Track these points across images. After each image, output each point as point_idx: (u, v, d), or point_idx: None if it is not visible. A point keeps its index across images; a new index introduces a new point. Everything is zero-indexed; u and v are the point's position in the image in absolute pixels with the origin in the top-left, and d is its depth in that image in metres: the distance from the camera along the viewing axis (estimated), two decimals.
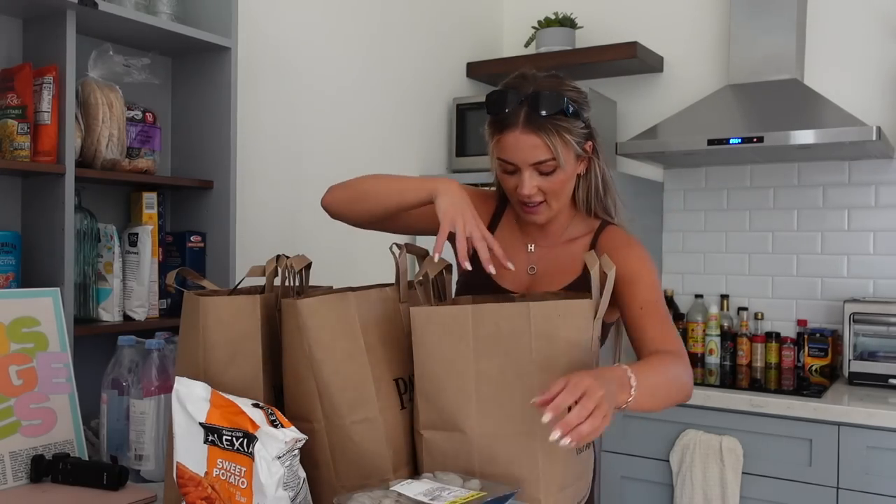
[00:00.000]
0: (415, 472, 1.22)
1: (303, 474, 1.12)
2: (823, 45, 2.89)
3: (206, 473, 1.11)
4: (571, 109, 1.38)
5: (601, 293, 1.15)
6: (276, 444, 1.06)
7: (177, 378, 1.15)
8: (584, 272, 1.42)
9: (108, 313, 1.82)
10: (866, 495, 2.24)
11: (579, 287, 1.44)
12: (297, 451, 1.11)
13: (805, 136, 2.48)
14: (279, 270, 1.29)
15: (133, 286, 1.86)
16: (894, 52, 2.79)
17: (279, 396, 1.26)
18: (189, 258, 1.99)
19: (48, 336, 1.53)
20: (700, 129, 2.70)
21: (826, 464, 2.30)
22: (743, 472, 2.40)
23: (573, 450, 1.19)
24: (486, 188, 1.63)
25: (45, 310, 1.54)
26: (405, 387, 1.24)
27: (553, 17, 3.20)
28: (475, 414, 1.15)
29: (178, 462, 1.14)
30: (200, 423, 1.12)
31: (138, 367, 1.53)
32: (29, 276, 1.72)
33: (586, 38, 3.29)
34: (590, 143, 1.45)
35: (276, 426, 1.09)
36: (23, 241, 1.73)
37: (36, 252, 1.73)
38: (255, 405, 1.12)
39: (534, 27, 3.25)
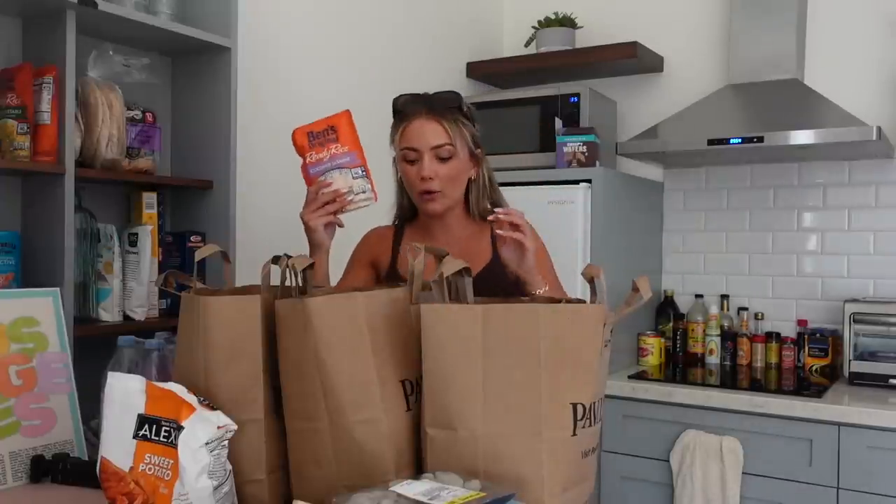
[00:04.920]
0: (419, 474, 1.22)
1: (230, 467, 1.13)
2: (823, 45, 2.89)
3: (132, 469, 1.13)
4: (465, 109, 1.67)
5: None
6: (209, 427, 1.09)
7: (109, 373, 1.16)
8: (494, 255, 1.71)
9: (108, 313, 1.82)
10: (866, 495, 2.24)
11: (493, 269, 1.68)
12: (226, 442, 1.13)
13: (805, 136, 2.48)
14: (285, 271, 1.29)
15: (133, 286, 1.86)
16: (894, 52, 2.79)
17: (279, 397, 1.25)
18: (189, 258, 1.99)
19: (48, 336, 1.52)
20: (700, 129, 2.70)
21: (826, 464, 2.30)
22: (743, 472, 2.40)
23: (578, 452, 1.20)
24: (386, 226, 1.86)
25: (45, 310, 1.54)
26: (412, 389, 1.23)
27: (553, 17, 3.20)
28: (481, 413, 1.15)
29: (102, 456, 1.14)
30: (139, 415, 1.13)
31: (138, 367, 1.53)
32: (29, 276, 1.72)
33: (586, 38, 3.29)
34: (479, 149, 1.71)
35: (213, 409, 1.13)
36: (23, 241, 1.73)
37: (36, 252, 1.73)
38: (191, 393, 1.15)
39: (534, 27, 3.25)
